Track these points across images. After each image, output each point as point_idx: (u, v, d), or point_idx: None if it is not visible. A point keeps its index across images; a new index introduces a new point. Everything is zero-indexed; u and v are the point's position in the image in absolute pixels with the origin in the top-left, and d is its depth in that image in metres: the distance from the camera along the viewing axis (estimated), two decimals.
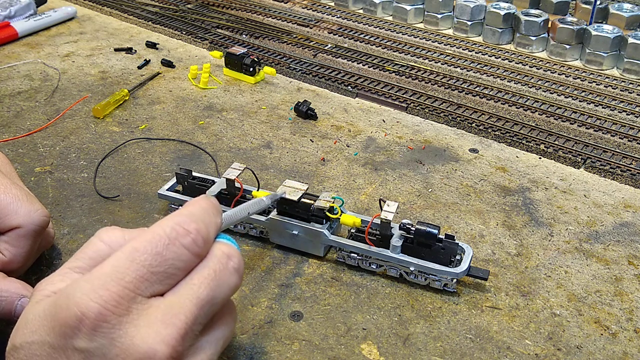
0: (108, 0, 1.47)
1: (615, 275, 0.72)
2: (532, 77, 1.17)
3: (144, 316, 0.38)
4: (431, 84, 1.14)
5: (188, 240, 0.41)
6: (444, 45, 1.30)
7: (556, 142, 0.96)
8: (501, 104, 1.08)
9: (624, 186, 0.88)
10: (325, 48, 1.27)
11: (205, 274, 0.41)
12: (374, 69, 1.19)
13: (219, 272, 0.41)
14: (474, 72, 1.19)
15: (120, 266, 0.39)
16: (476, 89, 1.12)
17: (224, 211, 0.52)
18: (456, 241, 0.67)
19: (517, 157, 0.94)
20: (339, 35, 1.34)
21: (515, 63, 1.22)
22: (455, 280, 0.66)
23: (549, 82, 1.15)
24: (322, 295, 0.67)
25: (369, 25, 1.39)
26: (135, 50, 1.24)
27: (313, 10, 1.47)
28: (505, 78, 1.16)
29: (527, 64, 1.22)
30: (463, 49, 1.28)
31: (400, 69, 1.19)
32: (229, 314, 0.45)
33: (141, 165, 0.89)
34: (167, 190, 0.77)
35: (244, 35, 1.33)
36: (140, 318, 0.38)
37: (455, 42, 1.30)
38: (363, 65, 1.21)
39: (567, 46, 1.23)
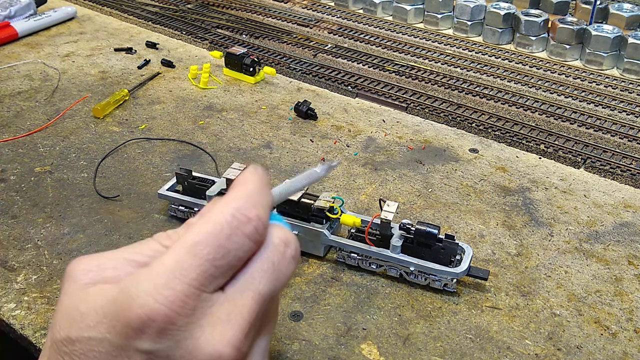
0: (108, 0, 1.47)
1: (615, 275, 0.72)
2: (532, 77, 1.17)
3: (207, 315, 0.36)
4: (431, 84, 1.14)
5: (250, 229, 0.37)
6: (444, 45, 1.30)
7: (556, 142, 0.96)
8: (501, 104, 1.08)
9: (624, 186, 0.88)
10: (325, 48, 1.27)
11: (265, 267, 0.38)
12: (374, 69, 1.19)
13: (277, 262, 0.38)
14: (474, 72, 1.19)
15: (183, 261, 0.36)
16: (476, 89, 1.12)
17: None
18: (456, 241, 0.67)
19: (517, 157, 0.94)
20: (339, 35, 1.34)
21: (515, 63, 1.22)
22: (455, 280, 0.66)
23: (549, 82, 1.15)
24: (322, 295, 0.67)
25: (369, 25, 1.39)
26: (135, 50, 1.24)
27: (313, 10, 1.47)
28: (505, 78, 1.16)
29: (527, 64, 1.22)
30: (463, 49, 1.28)
31: (400, 69, 1.19)
32: (276, 309, 0.42)
33: (141, 165, 0.89)
34: (167, 190, 0.77)
35: (244, 35, 1.33)
36: (204, 318, 0.36)
37: (455, 42, 1.30)
38: (363, 65, 1.21)
39: (567, 46, 1.23)
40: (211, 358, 0.35)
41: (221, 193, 0.74)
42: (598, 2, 1.28)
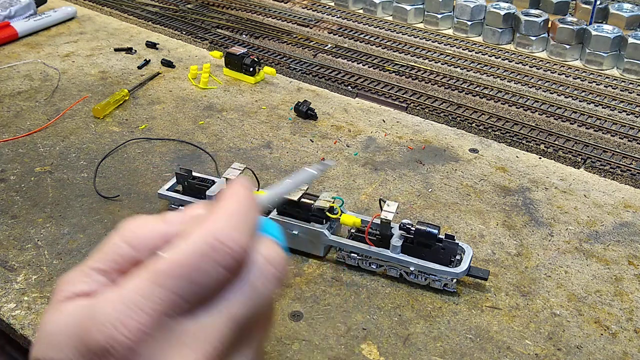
0: (108, 0, 1.47)
1: (615, 275, 0.72)
2: (532, 77, 1.17)
3: (171, 341, 0.35)
4: (431, 84, 1.14)
5: (227, 259, 0.35)
6: (444, 45, 1.30)
7: (556, 142, 0.96)
8: (501, 104, 1.08)
9: (624, 186, 0.88)
10: (325, 48, 1.27)
11: (243, 289, 0.36)
12: (374, 69, 1.19)
13: (258, 284, 0.36)
14: (474, 72, 1.19)
15: (146, 289, 0.34)
16: (476, 89, 1.12)
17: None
18: (456, 241, 0.67)
19: (517, 157, 0.94)
20: (339, 35, 1.34)
21: (515, 63, 1.22)
22: (455, 280, 0.66)
23: (549, 82, 1.15)
24: (322, 295, 0.67)
25: (369, 25, 1.39)
26: (135, 50, 1.24)
27: (313, 10, 1.47)
28: (505, 78, 1.16)
29: (527, 64, 1.22)
30: (463, 49, 1.28)
31: (400, 69, 1.19)
32: (266, 320, 0.40)
33: (141, 165, 0.89)
34: (167, 190, 0.77)
35: (244, 35, 1.33)
36: (168, 343, 0.35)
37: (455, 42, 1.30)
38: (363, 65, 1.21)
39: (567, 46, 1.23)
40: None
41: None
42: (598, 2, 1.28)
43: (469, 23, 1.32)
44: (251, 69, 1.13)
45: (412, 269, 0.67)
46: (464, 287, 0.69)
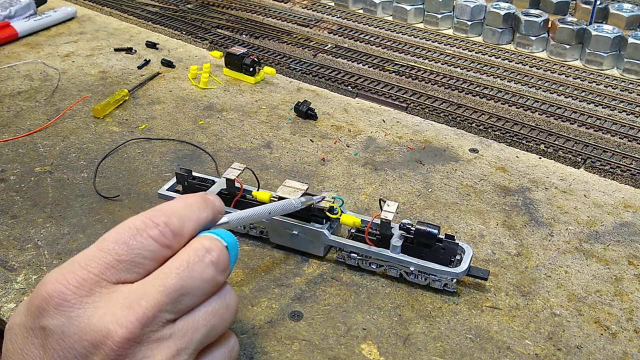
0: (108, 0, 1.47)
1: (615, 275, 0.72)
2: (532, 77, 1.17)
3: (106, 299, 0.40)
4: (431, 84, 1.14)
5: (155, 232, 0.42)
6: (444, 45, 1.30)
7: (556, 142, 0.96)
8: (501, 104, 1.08)
9: (624, 186, 0.88)
10: (325, 48, 1.27)
11: (176, 264, 0.42)
12: (374, 69, 1.19)
13: (192, 263, 0.42)
14: (474, 72, 1.19)
15: (88, 254, 0.41)
16: (476, 89, 1.12)
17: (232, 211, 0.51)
18: (456, 241, 0.67)
19: (517, 157, 0.94)
20: (339, 35, 1.34)
21: (515, 63, 1.22)
22: (455, 280, 0.66)
23: (549, 82, 1.15)
24: (322, 295, 0.67)
25: (369, 25, 1.39)
26: (135, 50, 1.24)
27: (313, 10, 1.47)
28: (505, 78, 1.16)
29: (527, 64, 1.22)
30: (463, 49, 1.28)
31: (400, 69, 1.19)
32: (219, 305, 0.44)
33: (141, 165, 0.89)
34: (167, 190, 0.77)
35: (244, 35, 1.33)
36: (102, 301, 0.40)
37: (455, 42, 1.30)
38: (363, 65, 1.21)
39: (567, 46, 1.23)
40: (100, 334, 0.39)
41: (221, 193, 0.74)
42: (598, 2, 1.28)
43: (469, 23, 1.32)
44: (251, 69, 1.13)
45: (412, 269, 0.67)
46: (464, 287, 0.69)
